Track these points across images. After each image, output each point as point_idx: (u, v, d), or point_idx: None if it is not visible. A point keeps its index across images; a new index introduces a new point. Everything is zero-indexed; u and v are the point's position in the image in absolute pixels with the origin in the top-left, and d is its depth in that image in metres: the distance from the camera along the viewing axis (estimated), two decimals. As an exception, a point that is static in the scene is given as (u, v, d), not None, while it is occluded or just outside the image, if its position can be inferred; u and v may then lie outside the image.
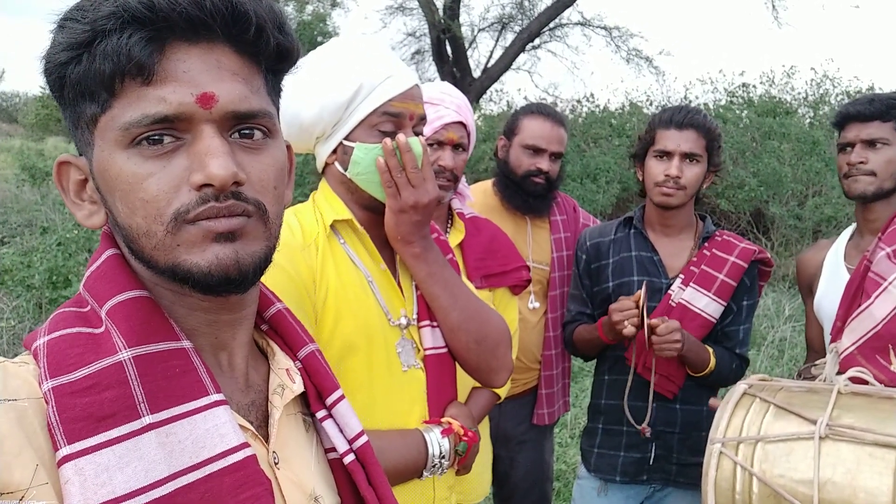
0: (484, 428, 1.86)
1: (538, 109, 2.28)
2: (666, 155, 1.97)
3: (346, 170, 1.28)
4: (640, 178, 2.08)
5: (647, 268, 2.04)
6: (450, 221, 1.90)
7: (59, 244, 5.75)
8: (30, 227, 7.37)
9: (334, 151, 1.30)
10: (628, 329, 1.82)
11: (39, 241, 6.10)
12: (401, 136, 1.24)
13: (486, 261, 1.84)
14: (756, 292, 2.06)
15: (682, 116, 1.97)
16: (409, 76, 1.28)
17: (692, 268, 1.99)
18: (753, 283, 2.03)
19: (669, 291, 1.98)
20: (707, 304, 1.95)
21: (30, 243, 6.33)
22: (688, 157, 1.95)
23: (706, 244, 2.02)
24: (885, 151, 1.83)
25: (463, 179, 1.95)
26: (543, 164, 2.19)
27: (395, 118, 1.25)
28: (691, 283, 1.97)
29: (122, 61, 0.60)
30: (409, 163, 1.24)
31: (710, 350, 1.94)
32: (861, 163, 1.85)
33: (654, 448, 2.00)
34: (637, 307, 1.83)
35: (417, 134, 1.29)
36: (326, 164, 1.34)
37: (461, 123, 1.82)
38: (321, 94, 1.24)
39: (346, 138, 1.27)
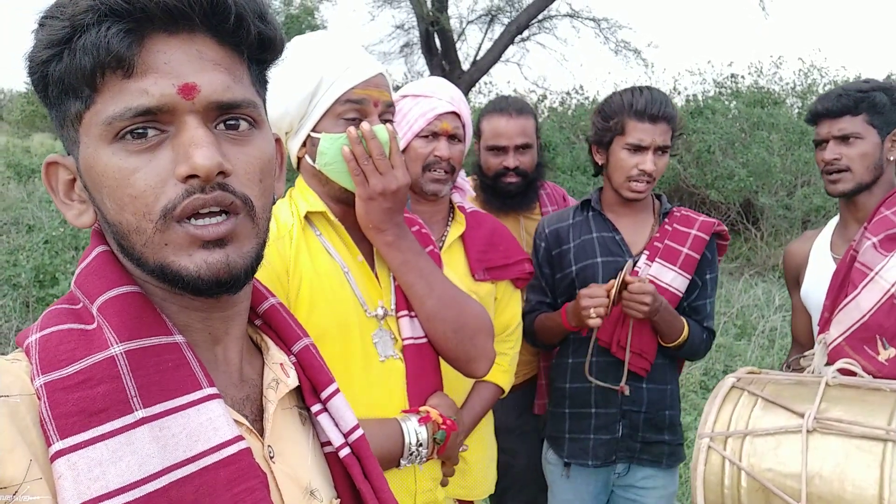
0: (487, 424, 1.84)
1: (494, 106, 2.21)
2: (639, 149, 1.93)
3: (315, 162, 1.30)
4: (599, 162, 2.03)
5: (609, 248, 2.02)
6: (451, 215, 1.88)
7: (46, 242, 5.70)
8: (16, 225, 7.29)
9: (304, 145, 1.32)
10: (594, 320, 1.80)
11: (26, 240, 6.05)
12: (364, 124, 1.25)
13: (487, 253, 1.82)
14: (716, 266, 2.07)
15: (656, 109, 1.91)
16: (371, 65, 1.29)
17: (656, 244, 1.99)
18: (714, 257, 2.05)
19: (637, 268, 1.97)
20: (674, 279, 1.95)
21: (16, 242, 6.25)
22: (660, 149, 1.94)
23: (666, 220, 2.03)
24: (859, 145, 1.80)
25: (462, 173, 1.93)
26: (509, 161, 2.15)
27: (359, 105, 1.26)
28: (657, 259, 1.96)
29: (102, 55, 0.60)
30: (375, 150, 1.25)
31: (684, 320, 1.95)
32: (836, 159, 1.82)
33: (621, 427, 2.00)
34: (608, 297, 1.81)
35: (385, 121, 1.30)
36: (299, 159, 1.35)
37: (455, 114, 1.77)
38: (284, 91, 1.26)
39: (313, 130, 1.29)
